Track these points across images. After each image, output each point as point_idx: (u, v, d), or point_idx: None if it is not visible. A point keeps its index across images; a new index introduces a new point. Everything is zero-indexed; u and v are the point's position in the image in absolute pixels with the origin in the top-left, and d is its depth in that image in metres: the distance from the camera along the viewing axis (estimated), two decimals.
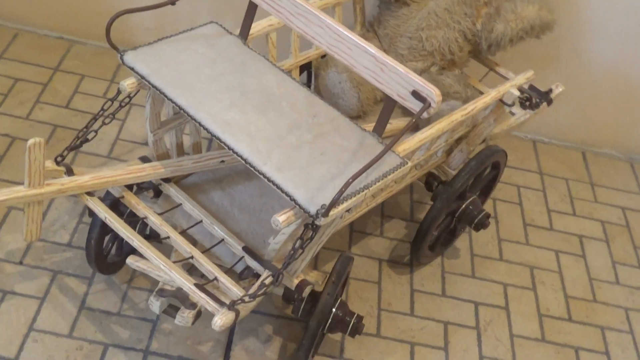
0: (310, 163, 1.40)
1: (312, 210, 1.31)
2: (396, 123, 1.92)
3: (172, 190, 1.64)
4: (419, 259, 2.02)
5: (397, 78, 1.41)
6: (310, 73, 2.05)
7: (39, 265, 1.84)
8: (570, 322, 2.04)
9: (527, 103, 1.95)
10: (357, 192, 1.37)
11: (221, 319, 1.35)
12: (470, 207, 1.97)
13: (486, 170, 2.00)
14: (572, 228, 2.32)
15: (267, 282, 1.45)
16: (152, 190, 1.68)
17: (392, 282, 2.02)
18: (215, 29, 1.67)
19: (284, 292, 1.66)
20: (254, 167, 1.38)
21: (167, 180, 1.66)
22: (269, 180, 1.36)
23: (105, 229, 1.69)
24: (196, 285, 1.42)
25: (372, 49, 1.43)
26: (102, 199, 1.62)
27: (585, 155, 2.61)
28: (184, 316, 1.47)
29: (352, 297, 1.96)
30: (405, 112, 2.02)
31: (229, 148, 1.41)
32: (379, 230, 2.15)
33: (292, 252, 1.43)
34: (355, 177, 1.29)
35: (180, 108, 1.46)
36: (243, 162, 1.39)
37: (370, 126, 1.52)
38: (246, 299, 1.40)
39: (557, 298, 2.10)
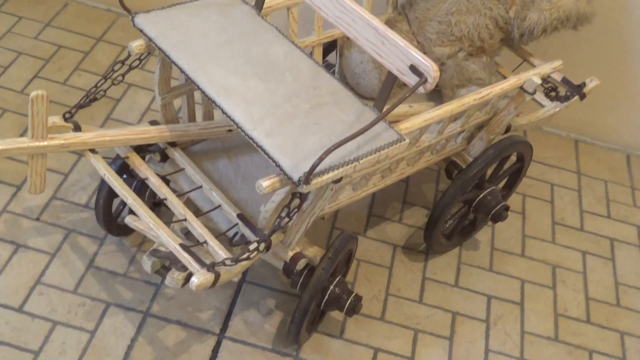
0: (303, 132, 1.40)
1: (295, 177, 1.31)
2: (417, 107, 1.91)
3: (176, 155, 1.67)
4: (432, 247, 1.99)
5: (397, 52, 1.39)
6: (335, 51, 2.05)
7: (54, 223, 1.90)
8: (588, 324, 1.98)
9: (553, 94, 1.90)
10: (346, 163, 1.36)
11: (198, 279, 1.37)
12: (489, 197, 1.93)
13: (506, 161, 1.96)
14: (604, 230, 2.24)
15: (251, 248, 1.45)
16: (159, 153, 1.71)
17: (404, 268, 2.00)
18: None
19: (283, 266, 1.66)
20: (244, 132, 1.39)
21: (173, 144, 1.69)
22: (257, 145, 1.37)
23: (111, 192, 1.74)
24: (181, 245, 1.44)
25: (374, 21, 1.42)
26: (114, 159, 1.67)
27: (629, 158, 2.52)
28: (173, 277, 1.49)
29: (360, 279, 1.95)
30: (431, 96, 2.00)
31: (223, 112, 1.42)
32: (398, 217, 2.13)
33: (278, 219, 1.44)
34: (338, 145, 1.29)
35: (182, 70, 1.49)
36: (235, 126, 1.41)
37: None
38: (227, 262, 1.41)
39: (577, 299, 2.03)
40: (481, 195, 1.93)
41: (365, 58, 1.92)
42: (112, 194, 1.75)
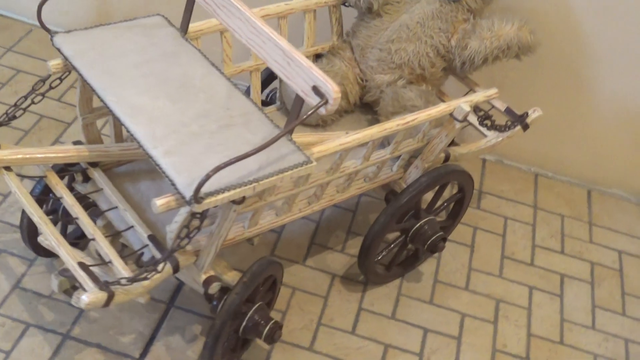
0: (205, 152, 1.40)
1: (187, 195, 1.30)
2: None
3: (96, 175, 1.68)
4: (368, 277, 1.97)
5: (301, 72, 1.39)
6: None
7: None
8: None
9: (488, 122, 1.89)
10: (245, 183, 1.35)
11: (88, 297, 1.35)
12: (425, 227, 1.91)
13: (443, 190, 1.94)
14: (555, 266, 2.21)
15: (148, 270, 1.44)
16: (80, 173, 1.71)
17: (341, 298, 1.98)
18: (158, 20, 1.70)
19: (204, 291, 1.65)
20: (144, 149, 1.39)
21: (95, 165, 1.69)
22: (155, 163, 1.37)
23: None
24: (79, 263, 1.43)
25: (282, 42, 1.42)
26: (39, 179, 1.69)
27: (590, 193, 2.48)
28: (78, 297, 1.48)
29: (293, 307, 1.93)
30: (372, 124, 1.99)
31: (127, 130, 1.43)
32: (341, 246, 2.12)
33: (177, 240, 1.43)
34: (228, 164, 1.28)
35: (92, 89, 1.50)
36: (138, 144, 1.41)
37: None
38: (123, 281, 1.40)
39: (518, 335, 1.99)
40: (417, 225, 1.90)
41: None
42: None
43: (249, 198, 1.57)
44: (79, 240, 1.80)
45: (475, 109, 1.82)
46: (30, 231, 1.78)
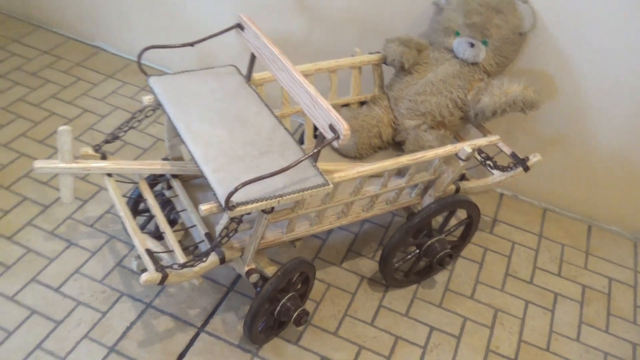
0: (244, 171, 1.40)
1: (223, 203, 1.30)
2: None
3: (175, 184, 1.71)
4: (387, 280, 1.90)
5: (322, 113, 1.38)
6: None
7: (102, 230, 1.98)
8: None
9: (489, 162, 1.79)
10: (270, 197, 1.35)
11: (146, 276, 1.38)
12: (436, 244, 1.83)
13: (452, 215, 1.85)
14: (551, 286, 2.06)
15: (196, 259, 1.45)
16: (166, 182, 1.75)
17: (365, 296, 1.92)
18: (230, 69, 1.73)
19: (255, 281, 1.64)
20: (198, 166, 1.41)
21: (176, 177, 1.73)
22: (205, 176, 1.38)
23: (136, 207, 1.80)
24: (146, 250, 1.46)
25: (310, 89, 1.41)
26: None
27: (590, 228, 2.31)
28: (143, 277, 1.45)
29: (326, 299, 1.89)
30: None
31: (188, 151, 1.45)
32: (372, 255, 2.06)
33: (218, 238, 1.43)
34: (251, 181, 1.28)
35: (169, 118, 1.53)
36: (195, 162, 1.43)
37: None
38: (175, 266, 1.41)
39: (510, 339, 1.86)
40: (429, 242, 1.83)
41: None
42: (135, 210, 1.81)
43: (284, 209, 1.56)
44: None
45: (479, 151, 1.73)
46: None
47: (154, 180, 1.77)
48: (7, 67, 2.58)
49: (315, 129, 2.07)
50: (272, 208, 1.41)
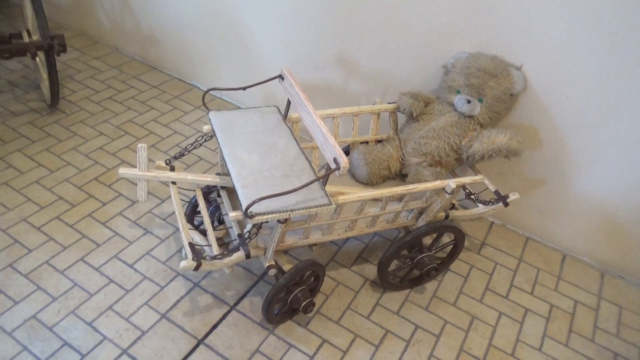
0: (266, 189, 1.39)
1: (244, 213, 1.30)
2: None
3: (222, 193, 1.72)
4: (383, 284, 1.83)
5: (330, 148, 1.35)
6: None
7: (172, 223, 2.01)
8: None
9: (473, 197, 1.70)
10: (283, 211, 1.33)
11: (184, 262, 1.38)
12: (425, 259, 1.75)
13: (441, 237, 1.77)
14: (523, 302, 1.92)
15: (222, 255, 1.44)
16: (216, 191, 1.77)
17: (367, 294, 1.86)
18: (273, 109, 1.73)
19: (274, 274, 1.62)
20: (232, 182, 1.40)
21: (224, 188, 1.74)
22: (235, 191, 1.38)
23: (195, 208, 1.82)
24: (189, 243, 1.46)
25: (323, 129, 1.39)
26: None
27: (565, 257, 2.14)
28: (182, 263, 1.45)
29: (334, 294, 1.84)
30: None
31: (227, 170, 1.45)
32: (377, 262, 1.99)
33: (242, 239, 1.42)
34: (264, 198, 1.29)
35: (218, 144, 1.54)
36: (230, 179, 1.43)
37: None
38: (207, 258, 1.41)
39: (481, 343, 1.75)
40: (419, 257, 1.76)
41: (360, 157, 1.86)
42: (195, 211, 1.83)
43: (300, 221, 1.54)
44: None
45: (464, 187, 1.65)
46: (189, 220, 1.86)
47: (209, 189, 1.79)
48: (125, 96, 2.70)
49: None
50: (286, 219, 1.39)
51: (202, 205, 1.64)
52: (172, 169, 1.70)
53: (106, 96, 2.66)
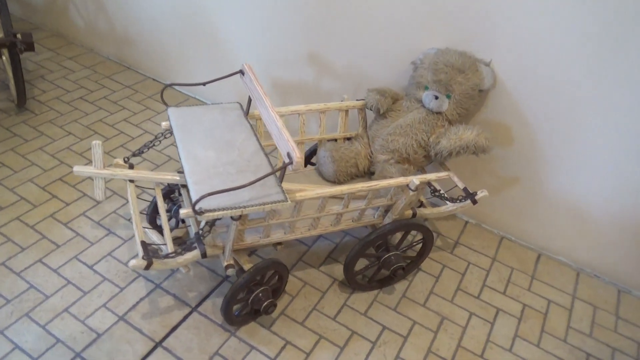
0: (219, 185, 1.35)
1: (197, 209, 1.25)
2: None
3: (183, 191, 1.67)
4: (349, 283, 1.79)
5: (283, 143, 1.31)
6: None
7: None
8: None
9: (437, 194, 1.66)
10: (235, 207, 1.29)
11: (133, 262, 1.34)
12: (392, 257, 1.71)
13: (407, 235, 1.73)
14: (495, 302, 1.88)
15: (175, 253, 1.40)
16: (177, 190, 1.72)
17: (334, 295, 1.81)
18: (235, 106, 1.69)
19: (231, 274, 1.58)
20: (185, 178, 1.36)
21: (185, 186, 1.69)
22: (188, 187, 1.34)
23: (157, 207, 1.78)
24: (141, 242, 1.42)
25: (279, 123, 1.35)
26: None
27: (540, 256, 2.11)
28: (131, 262, 1.39)
29: (300, 295, 1.79)
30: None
31: (181, 166, 1.41)
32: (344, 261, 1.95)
33: (194, 238, 1.38)
34: (211, 194, 1.24)
35: (175, 140, 1.50)
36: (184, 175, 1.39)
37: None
38: (157, 256, 1.37)
39: (450, 344, 1.71)
40: (386, 255, 1.72)
41: (327, 155, 1.82)
42: (156, 210, 1.79)
43: (257, 219, 1.50)
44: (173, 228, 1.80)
45: (429, 185, 1.61)
46: (152, 219, 1.81)
47: (171, 188, 1.74)
48: (96, 96, 2.66)
49: (307, 157, 2.00)
50: (240, 216, 1.35)
51: (160, 204, 1.60)
52: (131, 167, 1.65)
53: (77, 96, 2.62)
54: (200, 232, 1.37)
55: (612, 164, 1.79)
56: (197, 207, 1.24)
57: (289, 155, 1.28)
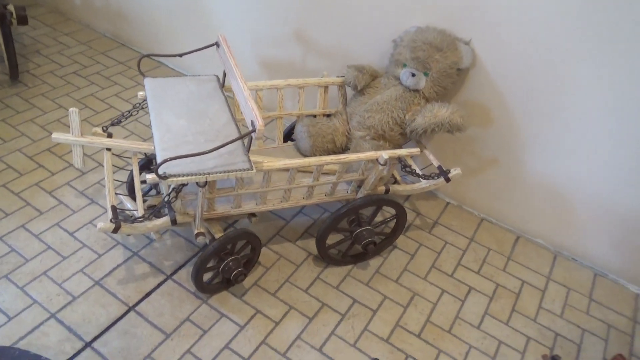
0: (185, 152, 1.37)
1: (160, 174, 1.29)
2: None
3: None
4: (322, 257, 1.82)
5: (248, 111, 1.34)
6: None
7: (120, 194, 2.01)
8: (417, 337, 1.68)
9: (407, 169, 1.68)
10: (199, 174, 1.32)
11: (101, 224, 1.38)
12: (364, 232, 1.74)
13: (379, 210, 1.75)
14: (468, 280, 1.90)
15: (143, 218, 1.44)
16: (154, 160, 1.76)
17: (307, 269, 1.85)
18: (212, 78, 1.72)
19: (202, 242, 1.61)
20: (154, 145, 1.40)
21: None
22: (155, 153, 1.37)
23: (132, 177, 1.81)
24: (112, 206, 1.46)
25: (246, 93, 1.38)
26: (141, 160, 1.76)
27: (518, 239, 2.12)
28: (99, 224, 1.43)
29: (274, 267, 1.83)
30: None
31: (152, 134, 1.44)
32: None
33: (160, 205, 1.42)
34: (172, 158, 1.28)
35: (148, 109, 1.53)
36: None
37: None
38: (125, 220, 1.41)
39: (419, 319, 1.74)
40: (358, 230, 1.74)
41: (304, 130, 1.85)
42: (132, 181, 1.82)
43: (227, 188, 1.53)
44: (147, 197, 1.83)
45: (400, 160, 1.63)
46: (130, 187, 1.85)
47: (149, 158, 1.78)
48: (89, 71, 2.70)
49: (288, 133, 2.03)
50: (206, 183, 1.39)
51: (135, 172, 1.64)
52: (110, 135, 1.70)
53: (71, 71, 2.66)
54: (167, 197, 1.41)
55: (591, 146, 1.80)
56: (161, 172, 1.28)
57: (252, 123, 1.30)
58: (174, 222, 1.52)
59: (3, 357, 1.11)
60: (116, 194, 1.65)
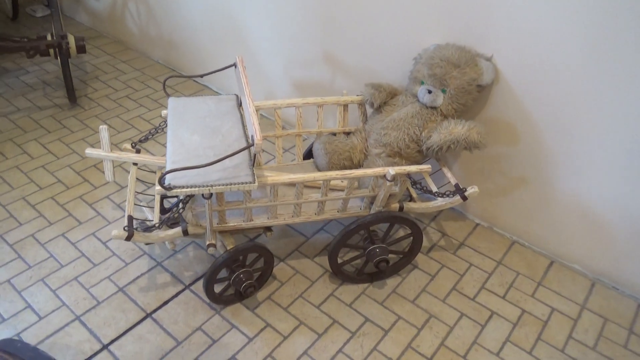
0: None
1: (166, 185, 1.37)
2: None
3: None
4: (334, 272, 1.81)
5: (250, 126, 1.39)
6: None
7: (152, 207, 2.14)
8: None
9: (417, 186, 1.66)
10: (203, 185, 1.39)
11: (114, 232, 1.48)
12: (377, 249, 1.73)
13: (392, 227, 1.73)
14: (491, 305, 1.82)
15: (155, 228, 1.52)
16: None
17: (322, 285, 1.85)
18: (231, 97, 1.80)
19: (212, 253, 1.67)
20: (166, 159, 1.48)
21: None
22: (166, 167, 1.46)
23: None
24: (129, 216, 1.56)
25: (251, 109, 1.44)
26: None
27: (552, 263, 2.00)
28: (113, 232, 1.52)
29: (290, 282, 1.85)
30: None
31: (166, 147, 1.54)
32: (342, 254, 1.98)
33: (168, 215, 1.49)
34: (175, 170, 1.34)
35: (167, 125, 1.64)
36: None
37: None
38: (139, 229, 1.50)
39: (433, 342, 1.68)
40: (371, 247, 1.73)
41: (321, 147, 1.88)
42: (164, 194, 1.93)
43: (235, 201, 1.59)
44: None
45: (409, 177, 1.61)
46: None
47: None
48: (140, 95, 2.91)
49: (309, 152, 2.06)
50: (211, 195, 1.45)
51: (157, 186, 1.74)
52: (138, 151, 1.82)
53: (123, 95, 2.89)
54: (175, 208, 1.48)
55: (627, 165, 1.68)
56: (166, 184, 1.36)
57: (252, 138, 1.36)
58: (185, 232, 1.59)
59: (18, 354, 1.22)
60: (140, 205, 1.76)
